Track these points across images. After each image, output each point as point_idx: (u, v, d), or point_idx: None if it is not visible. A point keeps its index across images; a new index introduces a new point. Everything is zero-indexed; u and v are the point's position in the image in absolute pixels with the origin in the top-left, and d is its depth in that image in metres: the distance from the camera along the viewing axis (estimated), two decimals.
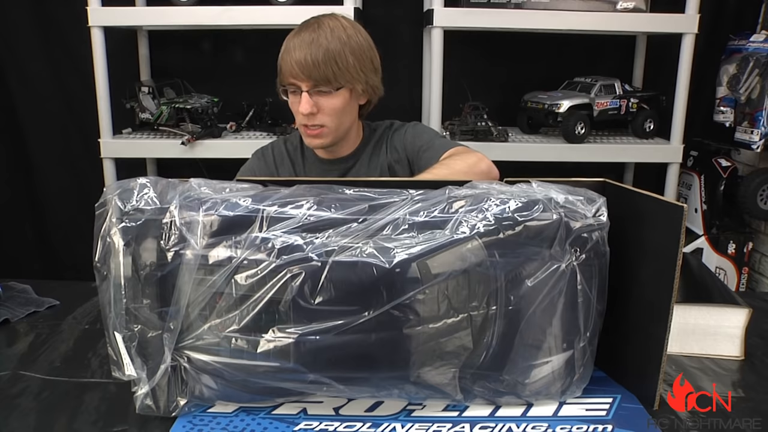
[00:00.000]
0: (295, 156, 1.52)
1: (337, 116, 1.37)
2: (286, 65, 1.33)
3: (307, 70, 1.29)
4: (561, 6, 2.12)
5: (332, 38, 1.30)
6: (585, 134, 2.20)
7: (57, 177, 2.53)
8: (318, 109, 1.34)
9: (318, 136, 1.38)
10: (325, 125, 1.37)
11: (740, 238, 2.39)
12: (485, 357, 0.92)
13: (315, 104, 1.33)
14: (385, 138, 1.51)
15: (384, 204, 0.91)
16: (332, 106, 1.34)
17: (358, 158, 1.50)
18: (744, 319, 1.14)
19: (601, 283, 0.95)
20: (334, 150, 1.47)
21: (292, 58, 1.31)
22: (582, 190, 0.95)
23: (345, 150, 1.49)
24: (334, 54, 1.30)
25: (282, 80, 1.36)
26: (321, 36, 1.30)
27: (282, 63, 1.34)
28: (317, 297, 0.86)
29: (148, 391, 0.91)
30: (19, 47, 2.40)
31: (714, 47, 2.38)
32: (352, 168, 1.49)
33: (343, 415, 0.95)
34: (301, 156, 1.52)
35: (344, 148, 1.48)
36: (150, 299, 0.88)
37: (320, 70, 1.29)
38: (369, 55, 1.36)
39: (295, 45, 1.32)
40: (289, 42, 1.35)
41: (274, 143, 1.57)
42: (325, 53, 1.29)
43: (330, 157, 1.49)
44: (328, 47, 1.30)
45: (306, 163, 1.51)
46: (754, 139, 2.18)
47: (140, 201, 0.88)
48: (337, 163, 1.49)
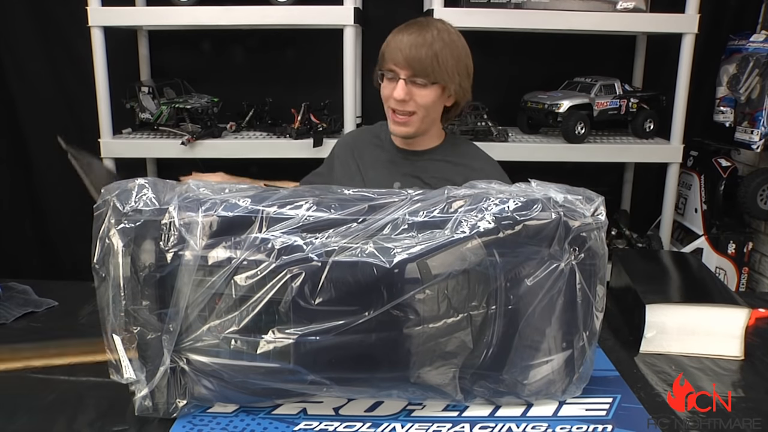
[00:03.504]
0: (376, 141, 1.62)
1: (425, 108, 1.45)
2: (391, 52, 1.42)
3: (408, 59, 1.39)
4: (561, 6, 2.12)
5: (438, 38, 1.40)
6: (585, 134, 2.20)
7: (57, 177, 2.52)
8: (410, 97, 1.43)
9: (404, 124, 1.47)
10: (413, 114, 1.45)
11: (740, 238, 2.39)
12: (485, 357, 0.92)
13: (408, 92, 1.42)
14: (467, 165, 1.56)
15: (383, 204, 0.91)
16: (423, 98, 1.43)
17: (432, 158, 1.56)
18: (744, 319, 1.14)
19: (600, 282, 0.95)
20: (412, 142, 1.54)
21: (397, 46, 1.41)
22: (581, 190, 0.95)
23: (422, 145, 1.56)
24: (436, 51, 1.39)
25: (382, 65, 1.45)
26: (428, 33, 1.40)
27: (386, 50, 1.44)
28: (317, 297, 0.86)
29: (147, 393, 0.91)
30: (18, 47, 2.40)
31: (714, 47, 2.38)
32: (424, 164, 1.55)
33: (343, 415, 0.95)
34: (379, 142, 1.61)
35: (422, 143, 1.55)
36: (149, 301, 0.88)
37: (421, 62, 1.39)
38: (465, 62, 1.46)
39: (403, 36, 1.41)
40: (396, 34, 1.44)
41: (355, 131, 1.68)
42: (428, 48, 1.39)
43: (408, 147, 1.56)
44: (432, 44, 1.39)
45: (381, 144, 1.60)
46: (754, 139, 2.18)
47: (139, 202, 0.88)
48: (405, 153, 1.56)
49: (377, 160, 1.57)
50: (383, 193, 0.93)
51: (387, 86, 1.45)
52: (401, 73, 1.41)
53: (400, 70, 1.41)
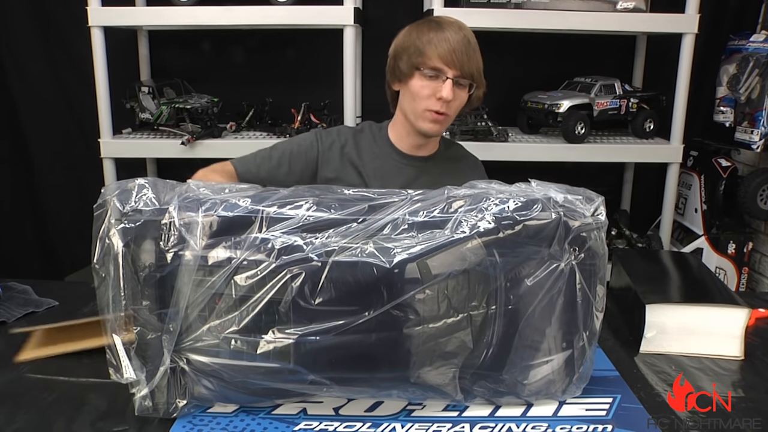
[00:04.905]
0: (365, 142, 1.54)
1: (456, 110, 1.44)
2: (439, 50, 1.37)
3: (460, 60, 1.37)
4: (561, 6, 2.12)
5: (476, 43, 1.41)
6: (585, 134, 2.20)
7: (57, 177, 2.53)
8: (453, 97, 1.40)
9: (439, 122, 1.43)
10: (448, 115, 1.43)
11: (740, 238, 2.39)
12: (485, 357, 0.92)
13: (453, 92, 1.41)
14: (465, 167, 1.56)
15: (383, 204, 0.91)
16: (460, 99, 1.42)
17: (434, 162, 1.54)
18: (744, 319, 1.14)
19: (600, 282, 0.95)
20: (422, 146, 1.52)
21: (448, 45, 1.37)
22: (581, 190, 0.95)
23: (426, 150, 1.53)
24: (478, 56, 1.41)
25: (422, 62, 1.38)
26: (469, 36, 1.40)
27: (428, 47, 1.38)
28: (317, 297, 0.86)
29: (147, 393, 0.91)
30: (19, 48, 2.40)
31: (714, 47, 2.38)
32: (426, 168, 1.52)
33: (343, 415, 0.95)
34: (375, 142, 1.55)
35: (428, 147, 1.53)
36: (149, 301, 0.88)
37: (470, 64, 1.39)
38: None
39: (448, 35, 1.38)
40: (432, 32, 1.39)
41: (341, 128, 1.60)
42: (473, 52, 1.39)
43: (411, 152, 1.52)
44: (475, 48, 1.40)
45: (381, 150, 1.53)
46: (754, 139, 2.18)
47: (139, 202, 0.88)
48: (412, 160, 1.53)
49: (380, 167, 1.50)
50: (383, 193, 0.93)
51: (427, 84, 1.39)
52: (449, 73, 1.37)
53: (449, 70, 1.37)
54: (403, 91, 1.45)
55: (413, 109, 1.43)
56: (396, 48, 1.44)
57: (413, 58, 1.39)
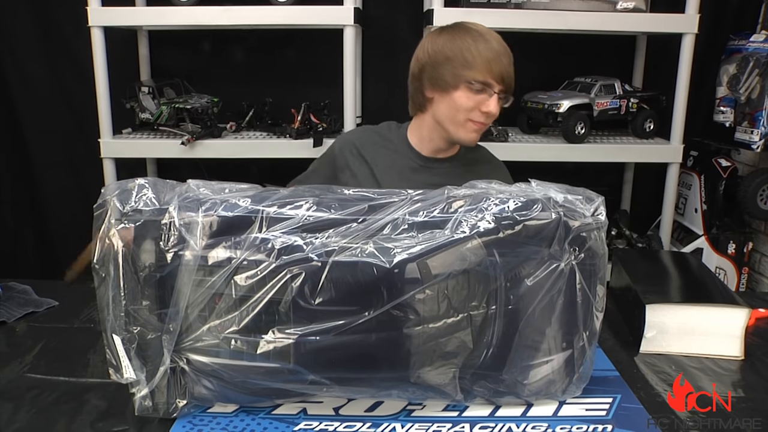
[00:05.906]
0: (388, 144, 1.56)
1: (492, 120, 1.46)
2: (492, 66, 1.37)
3: (508, 77, 1.39)
4: (561, 6, 2.12)
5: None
6: (585, 134, 2.20)
7: (57, 177, 2.53)
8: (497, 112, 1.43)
9: (478, 133, 1.45)
10: (488, 125, 1.46)
11: (740, 238, 2.39)
12: (485, 357, 0.92)
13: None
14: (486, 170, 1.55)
15: (383, 204, 0.91)
16: (499, 111, 1.43)
17: (453, 164, 1.54)
18: (744, 319, 1.14)
19: (600, 282, 0.95)
20: (445, 150, 1.52)
21: (498, 60, 1.38)
22: (581, 190, 0.95)
23: (448, 153, 1.54)
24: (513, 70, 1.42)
25: (472, 76, 1.38)
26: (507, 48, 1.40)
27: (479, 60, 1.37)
28: (317, 297, 0.86)
29: (147, 393, 0.91)
30: (19, 48, 2.40)
31: (714, 47, 2.38)
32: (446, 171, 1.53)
33: (343, 415, 0.95)
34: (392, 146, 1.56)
35: (450, 150, 1.54)
36: (149, 301, 0.88)
37: (512, 80, 1.41)
38: None
39: (495, 47, 1.39)
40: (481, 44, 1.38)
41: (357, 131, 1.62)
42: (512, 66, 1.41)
43: (432, 155, 1.53)
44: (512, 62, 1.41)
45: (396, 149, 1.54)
46: (754, 139, 2.18)
47: (139, 202, 0.88)
48: (432, 162, 1.53)
49: (393, 165, 1.52)
50: (383, 193, 0.93)
51: (472, 97, 1.39)
52: (496, 87, 1.38)
53: (497, 85, 1.38)
54: (441, 98, 1.43)
55: (453, 119, 1.42)
56: (436, 55, 1.41)
57: (460, 70, 1.38)
